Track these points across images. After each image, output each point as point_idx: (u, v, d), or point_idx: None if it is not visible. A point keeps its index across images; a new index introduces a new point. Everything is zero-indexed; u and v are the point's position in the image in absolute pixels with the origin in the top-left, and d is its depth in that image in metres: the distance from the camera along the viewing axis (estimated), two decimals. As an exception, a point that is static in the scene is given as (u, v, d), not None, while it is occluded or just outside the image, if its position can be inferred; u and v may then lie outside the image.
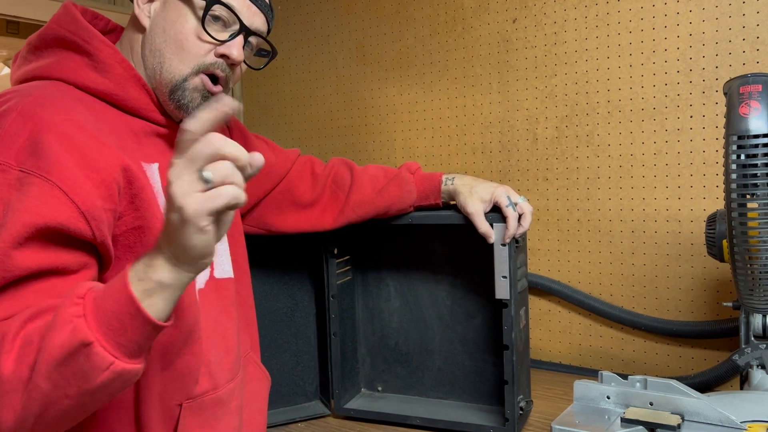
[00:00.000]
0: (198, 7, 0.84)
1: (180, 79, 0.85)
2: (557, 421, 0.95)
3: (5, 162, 0.69)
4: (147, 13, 0.86)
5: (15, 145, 0.70)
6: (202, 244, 0.60)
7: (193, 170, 0.59)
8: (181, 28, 0.84)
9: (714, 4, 1.34)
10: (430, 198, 1.19)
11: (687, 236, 1.40)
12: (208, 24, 0.84)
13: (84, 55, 0.82)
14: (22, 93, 0.76)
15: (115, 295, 0.62)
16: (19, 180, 0.68)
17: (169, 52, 0.85)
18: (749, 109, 0.80)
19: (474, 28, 1.65)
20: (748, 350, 1.06)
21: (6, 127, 0.71)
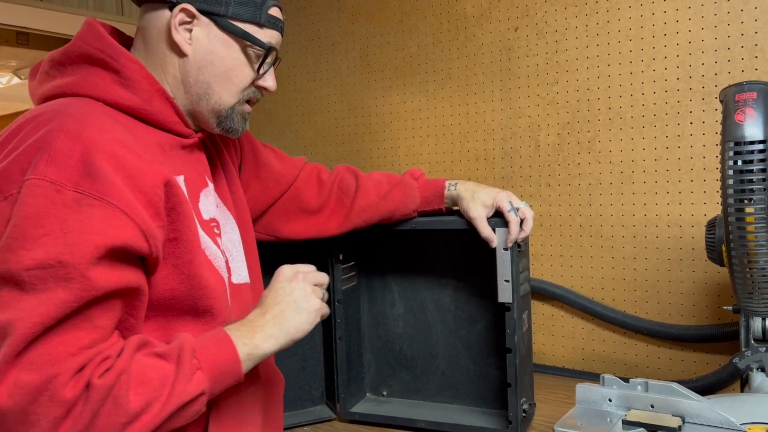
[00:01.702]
0: (247, 45, 0.88)
1: (228, 109, 0.90)
2: (560, 423, 0.96)
3: (60, 182, 0.70)
4: (187, 40, 0.86)
5: (68, 166, 0.71)
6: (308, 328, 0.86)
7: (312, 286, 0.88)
8: (233, 66, 0.88)
9: (713, 13, 1.36)
10: (434, 203, 1.21)
11: (688, 241, 1.41)
12: (252, 61, 0.89)
13: (111, 71, 0.83)
14: (61, 111, 0.77)
15: (224, 356, 0.77)
16: (76, 201, 0.70)
17: (218, 85, 0.88)
18: (745, 116, 0.82)
19: (476, 36, 1.67)
20: (748, 353, 1.07)
21: (57, 148, 0.71)
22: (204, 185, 0.92)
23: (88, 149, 0.72)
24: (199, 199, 0.90)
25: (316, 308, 0.86)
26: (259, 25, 0.88)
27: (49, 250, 0.67)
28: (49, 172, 0.70)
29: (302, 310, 0.84)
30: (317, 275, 0.90)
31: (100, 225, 0.70)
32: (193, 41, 0.86)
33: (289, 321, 0.83)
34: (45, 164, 0.70)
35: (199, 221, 0.87)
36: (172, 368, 0.73)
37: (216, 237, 0.91)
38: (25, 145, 0.73)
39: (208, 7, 0.85)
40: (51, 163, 0.70)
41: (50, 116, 0.76)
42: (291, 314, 0.83)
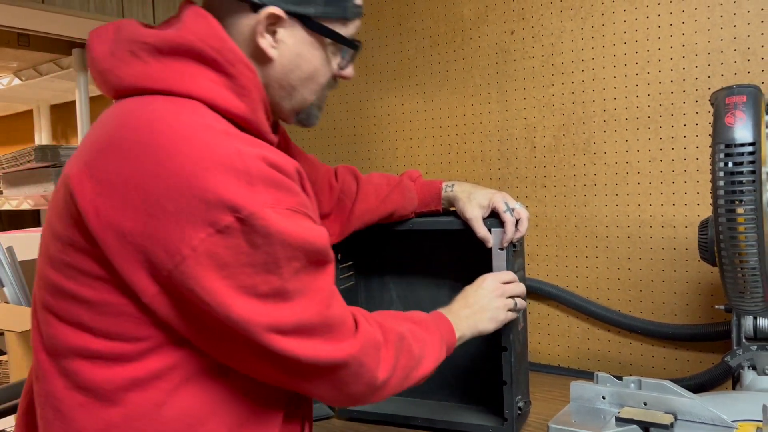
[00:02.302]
0: (330, 43, 0.84)
1: (308, 106, 0.88)
2: (554, 420, 0.98)
3: (273, 205, 0.69)
4: (272, 44, 0.80)
5: (270, 188, 0.70)
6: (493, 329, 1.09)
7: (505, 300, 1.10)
8: (318, 66, 0.84)
9: (706, 16, 1.38)
10: (431, 204, 1.22)
11: (681, 241, 1.43)
12: (336, 56, 0.86)
13: (224, 75, 0.76)
14: (208, 126, 0.71)
15: (448, 332, 1.00)
16: (289, 217, 0.71)
17: (302, 87, 0.85)
18: (734, 119, 0.84)
19: (473, 39, 1.69)
20: (740, 352, 1.09)
21: (249, 172, 0.68)
22: None
23: (270, 167, 0.70)
24: None
25: (504, 318, 1.10)
26: (345, 20, 0.84)
27: (305, 258, 0.72)
28: (264, 200, 0.68)
29: (493, 319, 1.08)
30: (515, 288, 1.12)
31: (322, 230, 0.75)
32: (279, 45, 0.81)
33: (484, 319, 1.07)
34: (251, 192, 0.68)
35: None
36: (434, 336, 0.95)
37: None
38: (190, 165, 0.67)
39: (296, 9, 0.79)
40: (253, 189, 0.68)
41: (201, 133, 0.70)
42: (486, 314, 1.07)
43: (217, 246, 0.67)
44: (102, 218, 0.68)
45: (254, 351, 0.71)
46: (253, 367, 0.74)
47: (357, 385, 0.79)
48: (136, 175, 0.68)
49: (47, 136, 2.69)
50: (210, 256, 0.67)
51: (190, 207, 0.66)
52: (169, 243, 0.67)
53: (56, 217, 0.74)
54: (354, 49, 0.87)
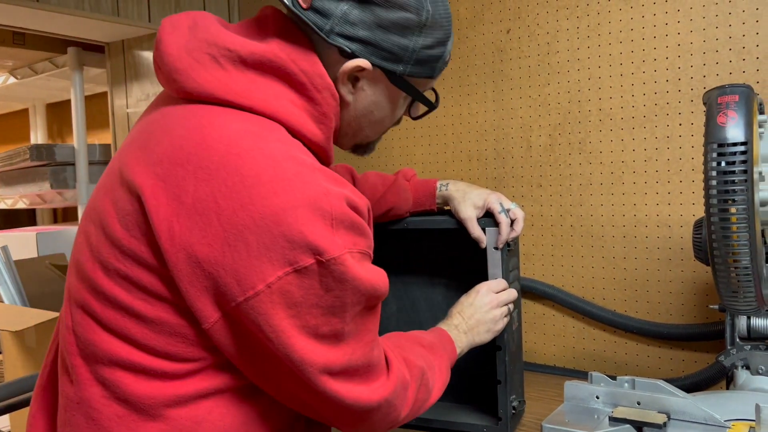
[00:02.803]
0: (404, 96, 0.83)
1: (369, 142, 0.90)
2: (548, 420, 0.98)
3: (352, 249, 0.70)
4: (350, 91, 0.79)
5: (351, 231, 0.70)
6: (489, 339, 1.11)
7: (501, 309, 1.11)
8: (388, 113, 0.84)
9: (701, 16, 1.38)
10: (426, 203, 1.22)
11: (677, 241, 1.43)
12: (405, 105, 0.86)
13: (308, 100, 0.74)
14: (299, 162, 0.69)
15: (450, 349, 1.01)
16: (360, 261, 0.72)
17: (369, 129, 0.85)
18: (726, 119, 0.84)
19: (469, 38, 1.69)
20: (734, 351, 1.09)
21: (336, 215, 0.68)
22: None
23: (352, 210, 0.70)
24: None
25: (499, 328, 1.11)
26: (432, 78, 0.82)
27: (367, 303, 0.74)
28: (345, 244, 0.68)
29: (489, 331, 1.09)
30: (509, 296, 1.12)
31: (383, 273, 0.76)
32: (357, 92, 0.79)
33: (481, 332, 1.08)
34: (334, 235, 0.67)
35: None
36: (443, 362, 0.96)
37: None
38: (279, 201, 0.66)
39: (385, 65, 0.76)
40: (336, 232, 0.67)
41: (289, 166, 0.68)
42: (482, 327, 1.08)
43: (292, 285, 0.66)
44: (176, 239, 0.66)
45: (301, 386, 0.71)
46: (293, 397, 0.74)
47: (381, 423, 0.80)
48: (219, 202, 0.66)
49: (43, 134, 2.69)
50: (283, 294, 0.66)
51: (274, 244, 0.65)
52: (244, 275, 0.65)
53: (119, 223, 0.70)
54: (431, 109, 0.87)
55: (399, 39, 0.75)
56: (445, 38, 0.80)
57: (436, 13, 0.76)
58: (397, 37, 0.75)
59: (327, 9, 0.72)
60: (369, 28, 0.73)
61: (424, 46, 0.77)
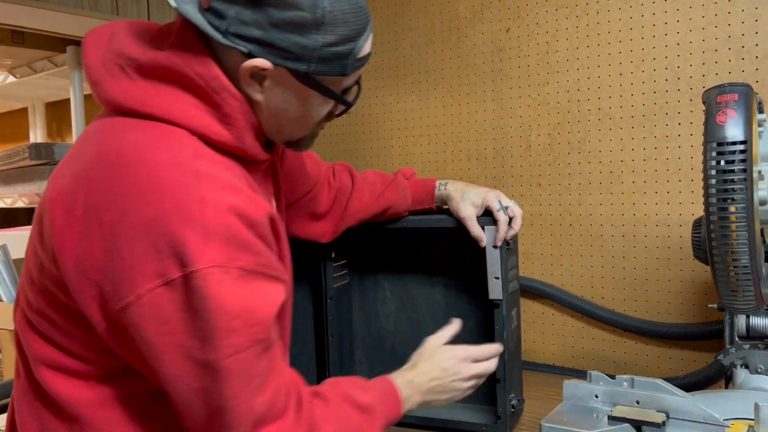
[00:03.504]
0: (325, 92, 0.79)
1: (297, 139, 0.86)
2: (546, 419, 0.98)
3: (225, 264, 0.67)
4: (257, 90, 0.76)
5: (225, 243, 0.67)
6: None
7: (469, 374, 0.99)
8: (308, 112, 0.80)
9: (700, 15, 1.38)
10: (424, 203, 1.22)
11: (675, 240, 1.43)
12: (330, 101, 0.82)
13: (209, 104, 0.74)
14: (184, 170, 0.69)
15: (395, 414, 0.90)
16: (241, 278, 0.68)
17: (291, 127, 0.82)
18: (726, 118, 0.84)
19: (468, 37, 1.69)
20: (733, 350, 1.09)
21: (207, 225, 0.67)
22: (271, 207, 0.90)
23: (233, 220, 0.68)
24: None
25: (459, 397, 1.00)
26: (344, 75, 0.78)
27: (244, 333, 0.68)
28: (213, 257, 0.66)
29: (451, 398, 0.99)
30: (487, 369, 1.01)
31: (271, 295, 0.72)
32: (265, 92, 0.77)
33: (439, 399, 0.97)
34: (203, 247, 0.66)
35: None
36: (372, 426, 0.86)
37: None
38: (155, 212, 0.67)
39: (286, 63, 0.74)
40: (207, 244, 0.66)
41: (169, 174, 0.68)
42: (443, 395, 0.97)
43: (162, 298, 0.66)
44: (67, 249, 0.69)
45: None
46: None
47: None
48: (101, 213, 0.68)
49: (42, 133, 2.69)
50: (153, 307, 0.67)
51: (145, 254, 0.66)
52: (120, 285, 0.67)
53: (38, 235, 0.75)
54: (347, 107, 0.83)
55: (296, 38, 0.72)
56: (354, 34, 0.75)
57: (336, 10, 0.73)
58: (295, 36, 0.72)
59: (222, 10, 0.71)
60: (263, 28, 0.72)
61: (326, 43, 0.74)
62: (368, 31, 0.78)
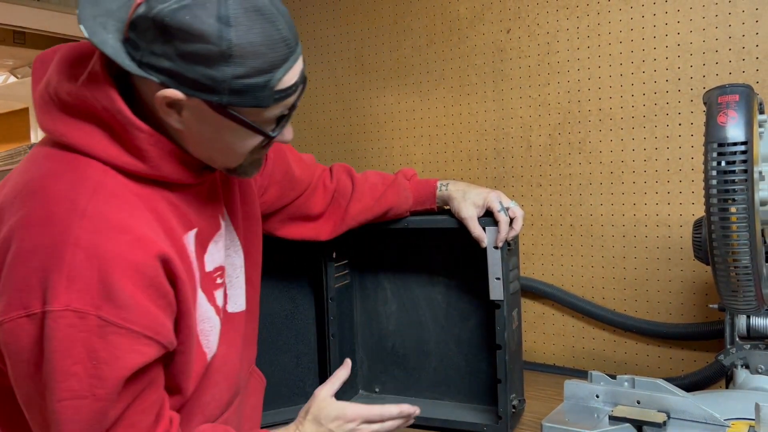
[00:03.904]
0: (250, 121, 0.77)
1: (237, 167, 0.84)
2: (548, 419, 0.98)
3: (82, 309, 0.68)
4: (177, 120, 0.76)
5: (89, 289, 0.68)
6: None
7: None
8: (233, 141, 0.79)
9: (701, 16, 1.38)
10: (426, 203, 1.22)
11: (676, 240, 1.43)
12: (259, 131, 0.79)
13: (118, 137, 0.75)
14: (70, 206, 0.71)
15: None
16: (100, 328, 0.69)
17: (220, 157, 0.81)
18: (727, 118, 0.84)
19: (469, 38, 1.69)
20: (733, 350, 1.10)
21: (75, 268, 0.68)
22: (217, 228, 0.89)
23: (106, 267, 0.69)
24: (207, 250, 0.87)
25: None
26: (262, 107, 0.76)
27: (83, 381, 0.69)
28: (71, 300, 0.68)
29: None
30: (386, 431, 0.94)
31: (127, 354, 0.71)
32: (185, 121, 0.76)
33: None
34: (65, 290, 0.68)
35: (201, 277, 0.85)
36: None
37: (216, 288, 0.89)
38: (33, 243, 0.70)
39: (199, 95, 0.73)
40: (71, 288, 0.68)
41: (55, 208, 0.71)
42: None
43: (20, 329, 0.69)
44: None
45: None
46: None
47: None
48: (4, 233, 0.72)
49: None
50: (12, 335, 0.70)
51: (19, 282, 0.69)
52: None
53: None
54: (268, 139, 0.79)
55: (204, 70, 0.71)
56: (268, 66, 0.73)
57: (244, 42, 0.71)
58: (202, 68, 0.71)
59: (136, 41, 0.72)
60: (172, 60, 0.71)
61: (236, 75, 0.72)
62: (290, 62, 0.75)
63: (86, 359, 0.69)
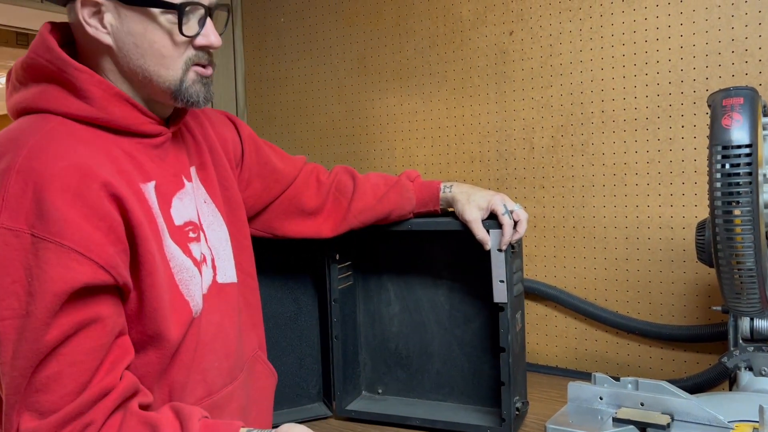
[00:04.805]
0: (159, 12, 0.82)
1: (176, 83, 0.85)
2: (552, 420, 0.98)
3: (17, 228, 0.71)
4: (104, 30, 0.82)
5: (22, 208, 0.71)
6: None
7: None
8: (154, 39, 0.82)
9: (704, 18, 1.38)
10: (429, 205, 1.22)
11: (679, 242, 1.43)
12: (176, 25, 0.83)
13: (63, 84, 0.80)
14: (15, 142, 0.76)
15: None
16: (33, 245, 0.71)
17: (152, 65, 0.84)
18: (731, 121, 0.84)
19: (472, 40, 1.69)
20: (737, 353, 1.10)
21: (9, 190, 0.72)
22: (180, 186, 0.91)
23: (41, 186, 0.72)
24: (172, 205, 0.88)
25: None
26: None
27: (21, 299, 0.70)
28: (4, 219, 0.70)
29: None
30: None
31: (58, 270, 0.71)
32: (108, 29, 0.82)
33: None
34: (1, 210, 0.71)
35: (169, 229, 0.86)
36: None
37: (191, 242, 0.90)
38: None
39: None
40: (6, 207, 0.71)
41: (5, 149, 0.76)
42: None
43: None
44: None
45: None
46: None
47: None
48: None
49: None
50: None
51: None
52: None
53: None
54: (177, 10, 0.82)
55: None
56: None
57: None
58: None
59: None
60: None
61: None
62: None
63: (23, 277, 0.70)
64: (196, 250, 0.91)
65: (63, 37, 0.85)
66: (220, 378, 0.92)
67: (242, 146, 1.10)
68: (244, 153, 1.11)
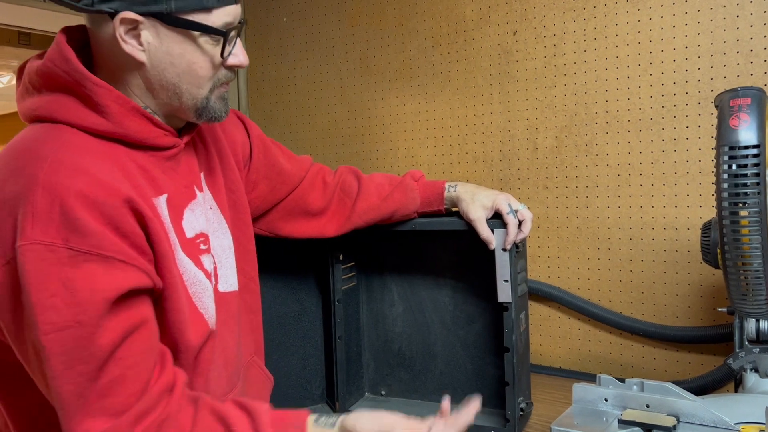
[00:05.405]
0: (199, 34, 0.82)
1: (204, 101, 0.87)
2: (556, 422, 0.98)
3: (52, 242, 0.70)
4: (138, 48, 0.81)
5: (53, 222, 0.71)
6: None
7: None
8: (193, 60, 0.83)
9: (709, 18, 1.38)
10: (434, 205, 1.22)
11: (684, 243, 1.43)
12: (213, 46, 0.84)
13: (79, 97, 0.80)
14: (36, 155, 0.75)
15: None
16: (70, 258, 0.71)
17: (186, 83, 0.84)
18: (739, 121, 0.84)
19: (475, 40, 1.69)
20: (743, 354, 1.09)
21: (37, 206, 0.71)
22: (192, 197, 0.91)
23: (67, 202, 0.72)
24: (184, 217, 0.89)
25: None
26: (207, 9, 0.81)
27: (62, 312, 0.70)
28: (36, 235, 0.70)
29: None
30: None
31: (103, 277, 0.72)
32: (145, 47, 0.81)
33: None
34: (31, 227, 0.70)
35: (181, 243, 0.86)
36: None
37: (202, 254, 0.91)
38: (5, 195, 0.73)
39: (149, 9, 0.79)
40: (36, 224, 0.71)
41: (23, 161, 0.75)
42: None
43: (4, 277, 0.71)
44: None
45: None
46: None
47: None
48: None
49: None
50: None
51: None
52: None
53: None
54: (222, 36, 0.83)
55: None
56: None
57: None
58: None
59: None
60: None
61: None
62: None
63: (63, 290, 0.70)
64: (207, 261, 0.91)
65: (77, 42, 0.84)
66: (220, 387, 0.93)
67: (251, 147, 1.10)
68: (252, 154, 1.10)
